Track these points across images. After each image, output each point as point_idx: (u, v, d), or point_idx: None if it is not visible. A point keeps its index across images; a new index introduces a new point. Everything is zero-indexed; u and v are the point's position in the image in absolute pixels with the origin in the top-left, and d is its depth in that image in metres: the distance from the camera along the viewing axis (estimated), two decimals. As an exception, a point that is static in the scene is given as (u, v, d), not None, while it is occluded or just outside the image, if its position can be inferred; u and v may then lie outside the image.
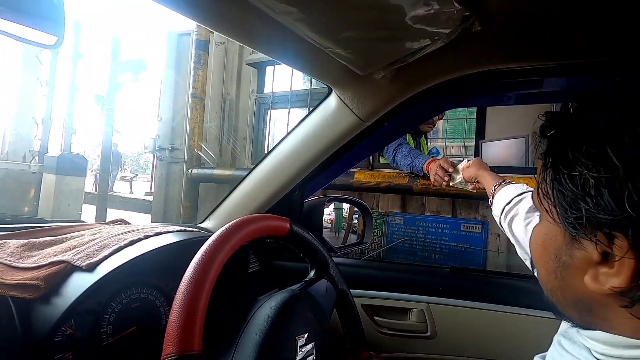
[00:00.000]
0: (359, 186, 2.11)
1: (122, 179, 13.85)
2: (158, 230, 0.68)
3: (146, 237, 0.64)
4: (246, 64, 2.93)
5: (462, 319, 0.88)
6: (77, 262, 0.55)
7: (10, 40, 0.41)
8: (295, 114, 2.74)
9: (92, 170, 10.69)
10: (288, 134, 0.92)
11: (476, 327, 0.88)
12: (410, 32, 0.56)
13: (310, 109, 0.86)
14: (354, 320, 0.73)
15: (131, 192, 12.44)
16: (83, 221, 0.93)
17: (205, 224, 1.07)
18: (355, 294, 0.88)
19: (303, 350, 0.54)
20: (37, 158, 6.46)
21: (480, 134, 2.26)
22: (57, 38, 0.42)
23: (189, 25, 3.32)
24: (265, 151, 2.91)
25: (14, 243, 0.63)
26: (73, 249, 0.59)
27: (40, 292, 0.51)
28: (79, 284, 0.53)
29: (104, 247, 0.59)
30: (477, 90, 0.81)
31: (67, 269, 0.55)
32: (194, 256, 0.44)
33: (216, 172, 2.74)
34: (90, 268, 0.54)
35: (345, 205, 2.07)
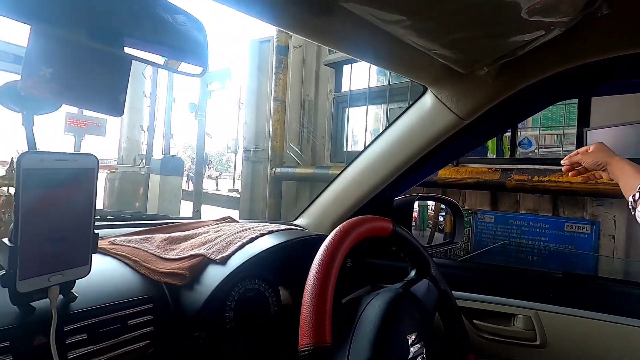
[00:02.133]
0: (444, 183, 2.03)
1: (209, 177, 15.30)
2: (270, 229, 0.75)
3: (261, 234, 0.72)
4: (324, 65, 3.02)
5: (578, 330, 0.80)
6: (211, 255, 0.64)
7: (164, 71, 0.50)
8: (373, 111, 2.75)
9: (185, 170, 12.03)
10: (380, 134, 0.94)
11: (594, 339, 0.80)
12: (523, 25, 0.53)
13: (406, 107, 0.87)
14: (456, 321, 0.72)
15: (217, 189, 13.64)
16: (194, 218, 1.07)
17: (299, 222, 1.14)
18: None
19: (413, 349, 0.55)
20: (144, 161, 7.52)
21: (584, 121, 2.00)
22: (202, 69, 0.50)
23: (268, 32, 3.53)
24: (345, 149, 2.97)
25: (159, 237, 0.76)
26: (205, 244, 0.69)
27: (186, 280, 0.61)
28: (214, 274, 0.62)
29: (230, 243, 0.68)
30: (593, 80, 0.73)
31: (204, 261, 0.64)
32: (302, 253, 0.48)
33: (298, 170, 2.89)
34: (223, 261, 0.63)
35: (430, 203, 2.02)
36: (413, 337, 0.56)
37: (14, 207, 0.45)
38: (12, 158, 0.68)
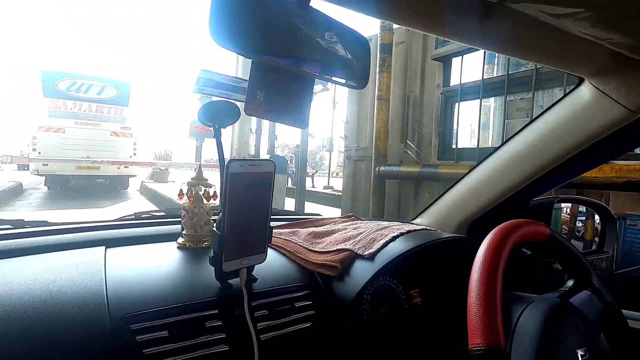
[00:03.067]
0: (581, 182, 1.77)
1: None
2: (407, 229, 0.78)
3: (401, 234, 0.75)
4: (431, 59, 2.91)
5: None
6: (358, 250, 0.70)
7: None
8: (487, 104, 2.54)
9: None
10: (519, 131, 0.88)
11: None
12: None
13: (554, 102, 0.79)
14: (626, 341, 0.64)
15: (313, 186, 14.25)
16: (319, 215, 1.16)
17: (419, 221, 1.14)
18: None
19: (584, 364, 0.51)
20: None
21: None
22: (364, 81, 0.55)
23: (370, 31, 3.54)
24: (454, 146, 2.82)
25: (303, 232, 0.85)
26: (348, 240, 0.76)
27: (337, 272, 0.68)
28: (363, 268, 0.67)
29: (373, 241, 0.72)
30: None
31: (351, 256, 0.70)
32: (435, 254, 0.47)
33: (403, 169, 2.85)
34: (371, 257, 0.68)
35: (565, 206, 1.79)
36: (582, 353, 0.52)
37: (221, 203, 0.56)
38: (199, 164, 0.84)
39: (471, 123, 2.96)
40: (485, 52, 2.51)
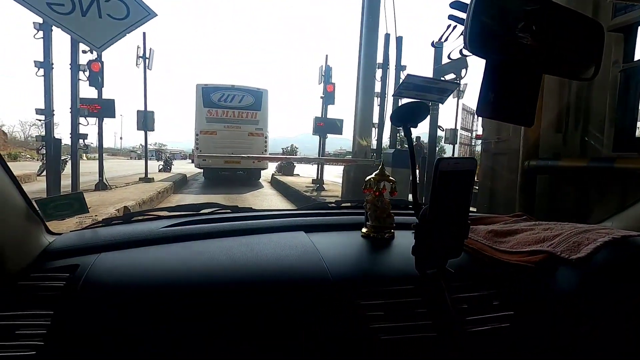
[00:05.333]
0: None
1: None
2: (621, 234, 0.68)
3: (614, 239, 0.66)
4: (608, 31, 2.41)
5: None
6: (563, 254, 0.65)
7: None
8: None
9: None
10: None
11: None
12: None
13: None
14: None
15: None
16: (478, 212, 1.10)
17: (609, 224, 0.98)
18: None
19: None
20: (374, 155, 8.43)
21: None
22: (596, 68, 0.50)
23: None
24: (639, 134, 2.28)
25: (481, 229, 0.83)
26: (543, 241, 0.71)
27: (533, 273, 0.64)
28: (567, 273, 0.62)
29: (579, 244, 0.66)
30: None
31: (551, 258, 0.65)
32: None
33: (562, 163, 2.45)
34: (579, 262, 0.62)
35: None
36: None
37: (430, 197, 0.60)
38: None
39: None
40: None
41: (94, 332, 0.51)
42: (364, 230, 0.84)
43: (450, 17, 0.50)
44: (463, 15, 0.41)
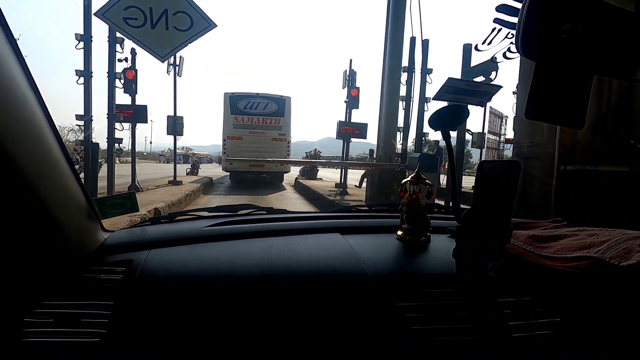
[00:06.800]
0: None
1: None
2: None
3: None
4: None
5: None
6: (612, 260, 0.62)
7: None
8: None
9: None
10: None
11: None
12: None
13: None
14: None
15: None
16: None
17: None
18: None
19: None
20: (398, 159, 8.35)
21: None
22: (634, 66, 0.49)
23: None
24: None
25: (522, 233, 0.82)
26: (589, 247, 0.68)
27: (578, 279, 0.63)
28: (617, 280, 0.60)
29: (629, 251, 0.63)
30: None
31: (599, 264, 0.63)
32: None
33: (602, 168, 2.34)
34: (630, 268, 0.60)
35: None
36: None
37: (473, 200, 0.60)
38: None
39: None
40: None
41: (152, 321, 0.54)
42: (399, 232, 0.84)
43: (496, 20, 0.50)
44: (509, 19, 0.41)
